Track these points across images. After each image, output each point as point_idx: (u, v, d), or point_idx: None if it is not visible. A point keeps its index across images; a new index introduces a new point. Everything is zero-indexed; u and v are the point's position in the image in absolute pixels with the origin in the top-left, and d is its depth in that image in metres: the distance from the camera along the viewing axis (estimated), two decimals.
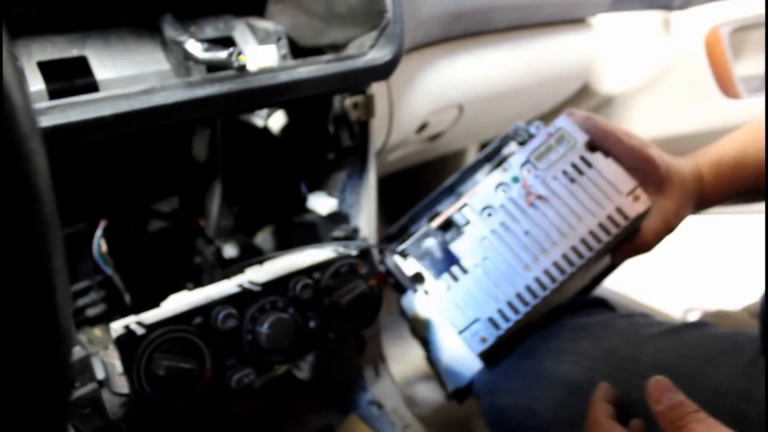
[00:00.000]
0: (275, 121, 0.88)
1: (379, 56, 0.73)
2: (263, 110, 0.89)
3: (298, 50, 0.79)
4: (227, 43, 0.73)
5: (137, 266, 0.89)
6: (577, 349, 0.72)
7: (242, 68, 0.64)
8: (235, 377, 0.61)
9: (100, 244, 0.83)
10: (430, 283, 0.71)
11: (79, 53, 0.66)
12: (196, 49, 0.65)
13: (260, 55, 0.63)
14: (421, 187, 1.76)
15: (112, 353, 0.56)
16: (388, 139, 1.02)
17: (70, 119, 0.53)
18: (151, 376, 0.56)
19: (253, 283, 0.63)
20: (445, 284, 0.71)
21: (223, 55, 0.64)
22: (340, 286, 0.67)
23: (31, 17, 0.64)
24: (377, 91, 0.82)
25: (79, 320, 0.91)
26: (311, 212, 0.86)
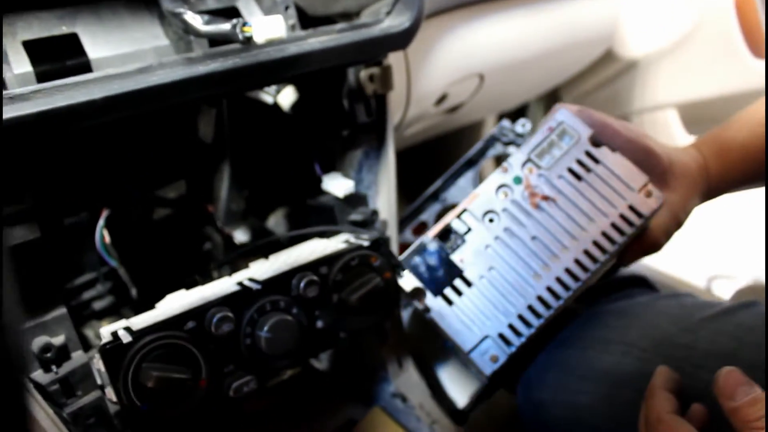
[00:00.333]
0: (285, 97, 0.83)
1: (396, 23, 0.68)
2: (272, 86, 0.83)
3: (307, 20, 0.73)
4: (230, 14, 0.68)
5: (143, 257, 0.84)
6: (624, 337, 0.67)
7: (248, 41, 0.59)
8: (234, 385, 0.56)
9: (103, 234, 0.79)
10: (430, 299, 0.66)
11: (68, 30, 0.61)
12: (196, 21, 0.60)
13: (267, 25, 0.57)
14: (437, 160, 1.70)
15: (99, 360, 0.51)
16: (406, 112, 0.96)
17: (56, 104, 0.48)
18: (139, 388, 0.51)
19: (253, 280, 0.57)
20: (447, 300, 0.66)
21: (226, 27, 0.59)
22: (350, 281, 0.61)
23: None
24: (394, 62, 0.76)
25: (85, 314, 0.87)
26: (327, 194, 0.81)
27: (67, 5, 0.61)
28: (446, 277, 0.66)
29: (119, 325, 0.55)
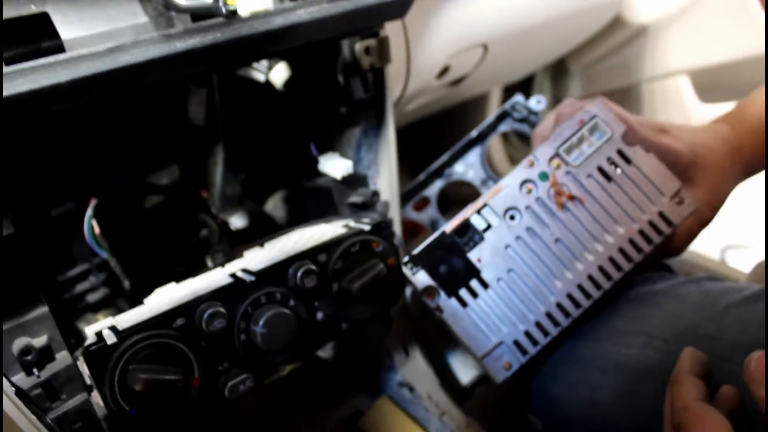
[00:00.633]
0: (277, 74, 0.78)
1: None
2: (263, 64, 0.79)
3: None
4: None
5: (135, 247, 0.80)
6: (643, 328, 0.62)
7: (232, 14, 0.55)
8: (229, 384, 0.52)
9: (92, 225, 0.75)
10: (443, 299, 0.62)
11: (38, 9, 0.56)
12: None
13: None
14: (440, 135, 1.66)
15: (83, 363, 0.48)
16: (406, 87, 0.92)
17: (18, 89, 0.43)
18: (127, 391, 0.47)
19: (246, 272, 0.53)
20: (462, 301, 0.62)
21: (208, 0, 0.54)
22: (351, 268, 0.57)
23: None
24: (392, 32, 0.72)
25: (79, 307, 0.84)
26: (324, 176, 0.77)
27: None
28: (462, 276, 0.62)
29: (104, 324, 0.51)
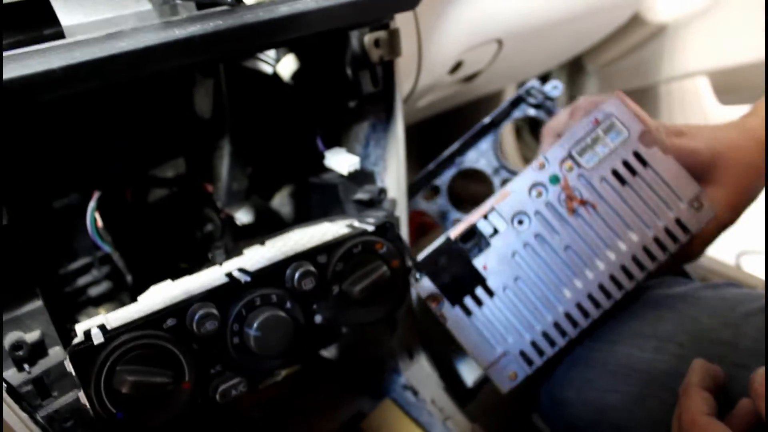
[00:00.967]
0: (285, 66, 0.76)
1: None
2: (271, 55, 0.77)
3: None
4: None
5: (139, 241, 0.79)
6: (658, 331, 0.60)
7: (238, 2, 0.54)
8: (221, 388, 0.50)
9: (95, 218, 0.74)
10: (447, 307, 0.60)
11: None
12: None
13: None
14: (453, 134, 1.63)
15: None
16: (417, 82, 0.89)
17: (8, 75, 0.42)
18: (114, 393, 0.45)
19: (243, 271, 0.52)
20: (466, 309, 0.60)
21: None
22: (353, 270, 0.55)
23: None
24: (403, 24, 0.69)
25: (80, 301, 0.82)
26: (331, 172, 0.75)
27: None
28: (467, 284, 0.60)
29: (95, 321, 0.50)
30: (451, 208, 0.88)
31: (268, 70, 0.78)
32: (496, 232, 0.61)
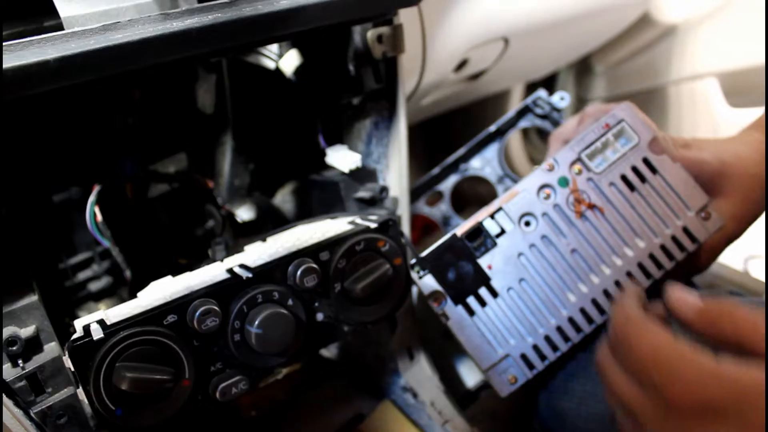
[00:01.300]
0: (288, 62, 0.76)
1: None
2: (274, 51, 0.76)
3: None
4: None
5: (138, 236, 0.78)
6: None
7: None
8: (221, 386, 0.50)
9: (94, 212, 0.73)
10: (450, 306, 0.59)
11: None
12: None
13: None
14: (458, 133, 1.62)
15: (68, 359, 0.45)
16: (421, 79, 0.88)
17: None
18: (113, 390, 0.45)
19: (244, 267, 0.51)
20: (469, 309, 0.59)
21: None
22: (355, 268, 0.54)
23: None
24: (407, 20, 0.68)
25: (81, 296, 0.82)
26: (333, 169, 0.74)
27: None
28: (471, 283, 0.59)
29: (94, 317, 0.49)
30: (453, 214, 0.87)
31: (270, 65, 0.77)
32: (502, 231, 0.60)
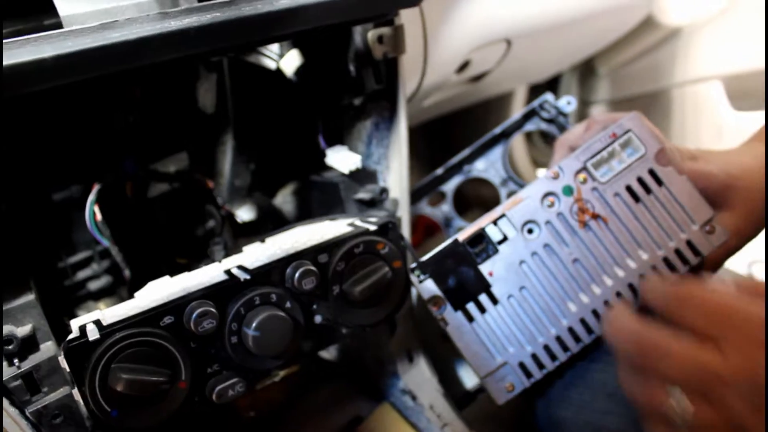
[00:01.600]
0: (288, 62, 0.75)
1: None
2: (275, 51, 0.76)
3: None
4: None
5: (138, 236, 0.78)
6: None
7: None
8: (217, 388, 0.50)
9: (93, 211, 0.73)
10: (449, 311, 0.59)
11: None
12: None
13: None
14: (461, 135, 1.62)
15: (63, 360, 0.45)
16: (422, 80, 0.88)
17: None
18: (108, 391, 0.45)
19: (242, 269, 0.50)
20: (468, 315, 0.59)
21: None
22: (354, 270, 0.54)
23: None
24: (408, 21, 0.68)
25: (80, 295, 0.82)
26: (333, 170, 0.74)
27: None
28: (471, 289, 0.59)
29: (90, 317, 0.49)
30: (455, 215, 0.87)
31: (271, 65, 0.77)
32: (504, 238, 0.59)
